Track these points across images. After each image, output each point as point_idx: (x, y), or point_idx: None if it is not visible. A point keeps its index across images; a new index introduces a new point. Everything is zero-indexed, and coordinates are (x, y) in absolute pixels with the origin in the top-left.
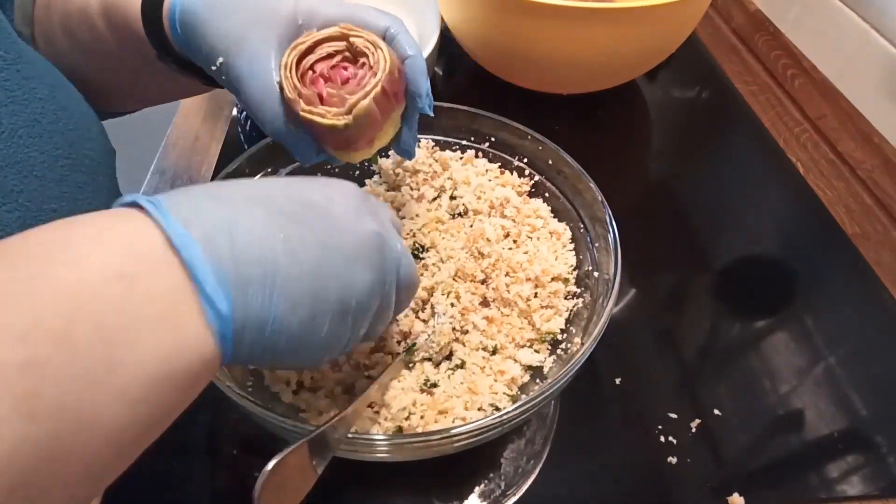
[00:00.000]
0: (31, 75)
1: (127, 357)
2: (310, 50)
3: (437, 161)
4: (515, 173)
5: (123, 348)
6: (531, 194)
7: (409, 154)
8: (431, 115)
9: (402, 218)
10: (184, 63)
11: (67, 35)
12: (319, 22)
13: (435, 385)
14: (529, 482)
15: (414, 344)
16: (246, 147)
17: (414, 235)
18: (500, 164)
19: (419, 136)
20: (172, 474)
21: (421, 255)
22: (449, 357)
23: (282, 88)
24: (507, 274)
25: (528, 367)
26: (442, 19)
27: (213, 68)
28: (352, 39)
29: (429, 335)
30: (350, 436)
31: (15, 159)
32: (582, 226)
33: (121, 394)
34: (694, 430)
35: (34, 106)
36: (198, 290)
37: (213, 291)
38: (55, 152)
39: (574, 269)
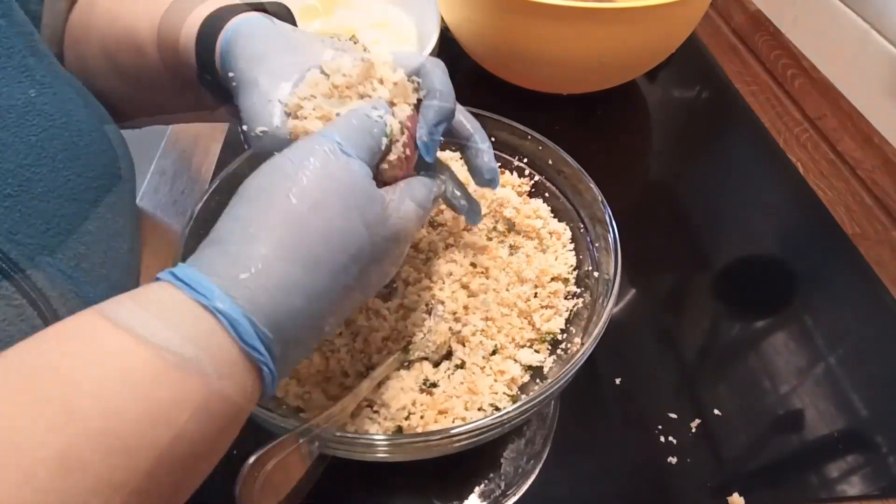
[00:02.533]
0: (66, 97)
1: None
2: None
3: (436, 161)
4: (515, 173)
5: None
6: (531, 194)
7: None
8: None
9: None
10: (221, 91)
11: (106, 57)
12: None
13: (435, 385)
14: (529, 482)
15: (410, 342)
16: (246, 147)
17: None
18: (500, 164)
19: None
20: None
21: (419, 257)
22: (448, 357)
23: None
24: (503, 270)
25: (528, 367)
26: (442, 19)
27: (234, 84)
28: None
29: (424, 334)
30: (350, 436)
31: (57, 184)
32: (582, 226)
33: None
34: (694, 430)
35: (72, 129)
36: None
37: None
38: (90, 174)
39: (574, 269)
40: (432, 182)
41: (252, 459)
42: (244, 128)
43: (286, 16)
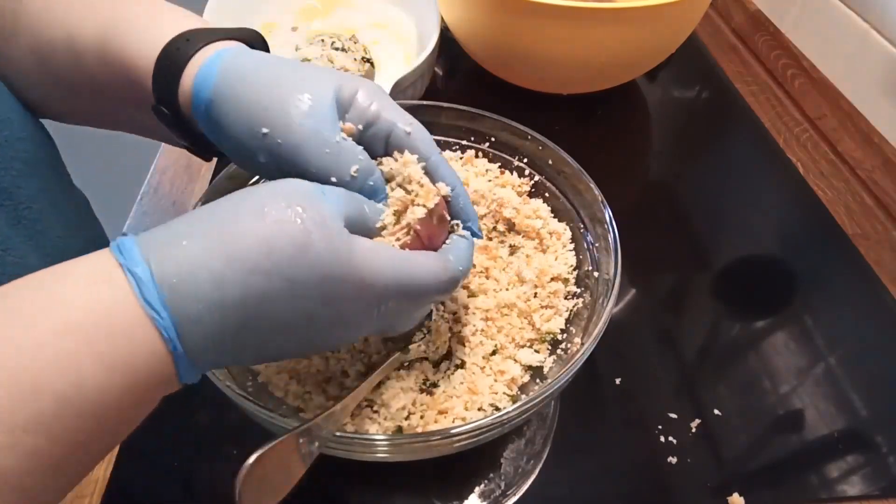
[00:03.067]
0: None
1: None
2: None
3: None
4: (515, 173)
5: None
6: (531, 194)
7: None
8: (481, 237)
9: None
10: (176, 121)
11: (38, 60)
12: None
13: (435, 385)
14: (529, 482)
15: (410, 342)
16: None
17: None
18: (500, 164)
19: None
20: (172, 474)
21: None
22: (448, 357)
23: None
24: (503, 270)
25: (528, 367)
26: (442, 19)
27: (261, 135)
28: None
29: (425, 334)
30: (349, 436)
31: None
32: (582, 226)
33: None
34: (694, 430)
35: None
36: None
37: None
38: None
39: (574, 269)
40: (441, 269)
41: (252, 459)
42: (334, 179)
43: (261, 46)
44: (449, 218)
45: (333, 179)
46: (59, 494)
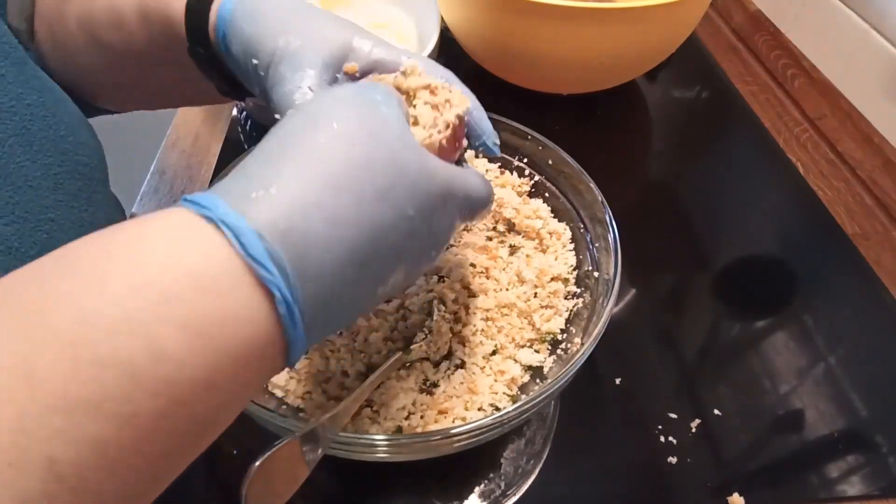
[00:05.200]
0: (17, 80)
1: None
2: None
3: None
4: (515, 173)
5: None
6: (531, 194)
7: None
8: (497, 153)
9: None
10: (211, 65)
11: (86, 32)
12: (369, 63)
13: (435, 385)
14: (529, 482)
15: (410, 343)
16: (246, 147)
17: None
18: (500, 164)
19: None
20: None
21: None
22: (449, 357)
23: None
24: (503, 270)
25: (528, 367)
26: (442, 19)
27: (255, 62)
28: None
29: (426, 335)
30: (350, 436)
31: (7, 171)
32: (582, 226)
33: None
34: (694, 430)
35: (23, 113)
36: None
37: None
38: (47, 160)
39: (574, 269)
40: (484, 181)
41: (259, 461)
42: (277, 116)
43: None
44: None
45: None
46: (134, 502)
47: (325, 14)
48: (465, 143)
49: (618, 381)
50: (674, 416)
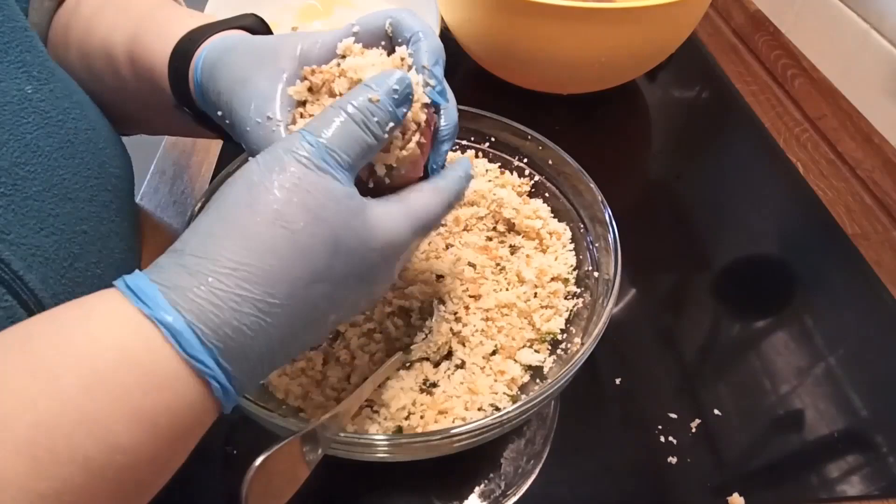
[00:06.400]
0: (62, 94)
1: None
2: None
3: None
4: (515, 173)
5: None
6: (531, 194)
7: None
8: (439, 103)
9: None
10: (200, 115)
11: (85, 66)
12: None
13: (435, 385)
14: (529, 482)
15: (410, 343)
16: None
17: None
18: (500, 164)
19: None
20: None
21: (419, 257)
22: (449, 357)
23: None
24: (503, 270)
25: (528, 367)
26: (442, 19)
27: (220, 113)
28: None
29: (426, 335)
30: (349, 436)
31: (51, 183)
32: (582, 226)
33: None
34: (694, 430)
35: (68, 127)
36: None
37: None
38: (86, 172)
39: (574, 269)
40: (443, 189)
41: (259, 461)
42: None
43: (262, 29)
44: (432, 109)
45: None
46: None
47: (274, 40)
48: (435, 123)
49: (618, 381)
50: (674, 416)
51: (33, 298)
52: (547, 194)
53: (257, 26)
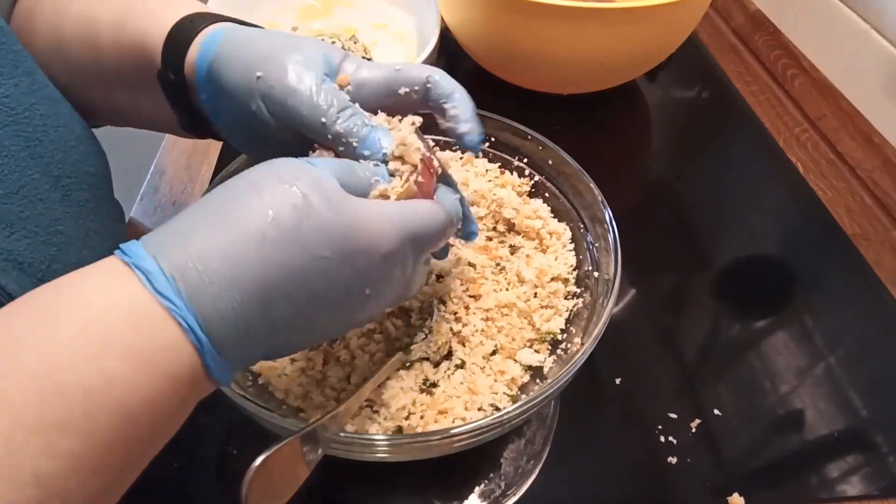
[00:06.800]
0: (28, 90)
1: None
2: None
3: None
4: (515, 173)
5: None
6: (531, 194)
7: (473, 235)
8: (478, 149)
9: None
10: (176, 95)
11: (53, 47)
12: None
13: (435, 385)
14: (529, 482)
15: (411, 343)
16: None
17: None
18: (500, 164)
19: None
20: (172, 474)
21: None
22: (449, 357)
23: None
24: (502, 270)
25: (528, 367)
26: (442, 19)
27: (255, 78)
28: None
29: (426, 335)
30: (349, 436)
31: (20, 184)
32: (582, 226)
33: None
34: (694, 430)
35: (35, 124)
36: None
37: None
38: (57, 171)
39: (574, 269)
40: (440, 210)
41: (259, 461)
42: (323, 120)
43: None
44: (438, 165)
45: (323, 120)
46: (106, 501)
47: (311, 38)
48: (437, 168)
49: (618, 381)
50: (674, 416)
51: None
52: (547, 194)
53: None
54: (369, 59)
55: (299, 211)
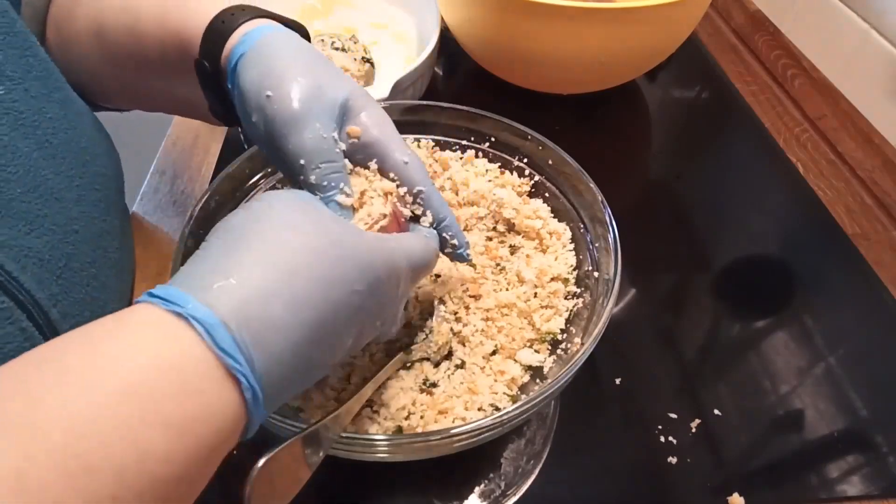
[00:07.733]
0: (38, 93)
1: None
2: None
3: (437, 161)
4: (515, 173)
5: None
6: (531, 194)
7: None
8: (470, 260)
9: None
10: (212, 84)
11: (94, 34)
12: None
13: (434, 385)
14: (529, 482)
15: (411, 343)
16: (246, 147)
17: None
18: (500, 164)
19: (420, 135)
20: None
21: None
22: (449, 357)
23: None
24: (502, 270)
25: (528, 367)
26: (442, 19)
27: (264, 97)
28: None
29: (426, 335)
30: (349, 436)
31: (35, 184)
32: (582, 226)
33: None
34: (694, 430)
35: (45, 127)
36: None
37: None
38: (69, 172)
39: (574, 269)
40: (432, 243)
41: (261, 462)
42: (301, 162)
43: (304, 35)
44: (407, 217)
45: (302, 162)
46: None
47: (336, 68)
48: (407, 215)
49: (618, 381)
50: (674, 416)
51: (30, 299)
52: (547, 194)
53: (302, 32)
54: (370, 60)
55: (339, 247)
